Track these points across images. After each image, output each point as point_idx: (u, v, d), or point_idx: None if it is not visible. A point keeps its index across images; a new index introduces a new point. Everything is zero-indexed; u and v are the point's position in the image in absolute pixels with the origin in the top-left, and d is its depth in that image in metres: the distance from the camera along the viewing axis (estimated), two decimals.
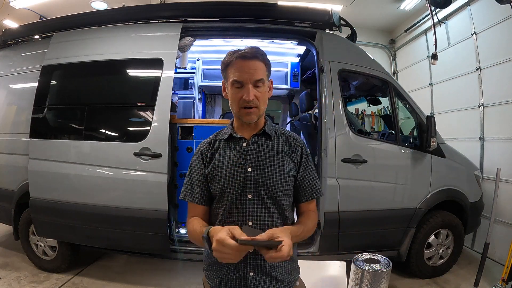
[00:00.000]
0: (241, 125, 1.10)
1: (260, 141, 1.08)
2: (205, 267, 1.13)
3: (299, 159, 1.11)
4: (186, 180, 1.14)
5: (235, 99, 1.03)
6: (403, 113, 3.31)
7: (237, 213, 1.04)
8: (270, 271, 1.04)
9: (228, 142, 1.10)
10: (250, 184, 1.03)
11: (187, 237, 2.66)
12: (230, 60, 1.02)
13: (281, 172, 1.05)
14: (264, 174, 1.04)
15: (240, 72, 1.00)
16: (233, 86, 1.02)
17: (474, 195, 2.95)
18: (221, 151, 1.09)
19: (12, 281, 2.65)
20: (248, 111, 1.02)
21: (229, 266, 1.03)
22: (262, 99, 1.03)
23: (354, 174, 2.45)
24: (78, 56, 2.62)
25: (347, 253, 2.39)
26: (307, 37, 2.68)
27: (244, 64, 1.00)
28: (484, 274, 2.56)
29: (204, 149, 1.13)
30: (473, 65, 3.72)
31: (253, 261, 1.02)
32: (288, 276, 1.08)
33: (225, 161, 1.07)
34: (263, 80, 1.02)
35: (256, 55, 1.01)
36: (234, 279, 1.04)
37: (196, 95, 4.14)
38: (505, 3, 2.90)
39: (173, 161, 2.61)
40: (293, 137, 1.14)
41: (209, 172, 1.08)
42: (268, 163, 1.05)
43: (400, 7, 4.69)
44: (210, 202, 1.12)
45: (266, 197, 1.04)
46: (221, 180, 1.05)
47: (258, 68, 1.01)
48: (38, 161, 2.55)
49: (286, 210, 1.09)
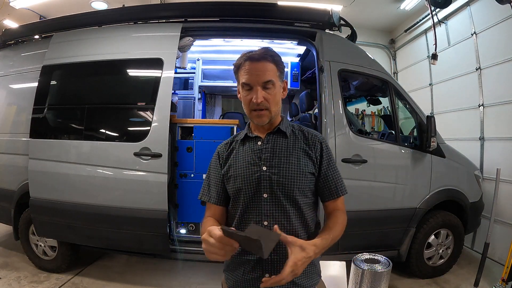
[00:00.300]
0: (257, 126, 1.10)
1: (275, 139, 1.07)
2: (224, 267, 1.13)
3: (319, 155, 1.07)
4: (204, 180, 1.15)
5: (245, 101, 1.02)
6: (403, 113, 3.30)
7: (253, 213, 1.03)
8: None
9: (244, 142, 1.10)
10: (265, 183, 1.02)
11: (187, 237, 2.68)
12: (239, 62, 1.02)
13: (297, 169, 1.02)
14: (279, 173, 1.01)
15: (248, 75, 0.99)
16: (243, 89, 1.02)
17: (474, 195, 2.95)
18: (237, 151, 1.09)
19: (12, 281, 2.65)
20: (258, 113, 1.01)
21: (246, 266, 1.01)
22: (272, 100, 1.01)
23: (354, 174, 2.45)
24: (78, 56, 2.62)
25: (347, 253, 2.38)
26: (307, 37, 2.68)
27: (252, 66, 0.99)
28: (484, 274, 2.56)
29: (221, 149, 1.14)
30: (473, 65, 3.72)
31: (269, 262, 1.00)
32: (307, 280, 1.03)
33: (240, 161, 1.06)
34: (272, 82, 1.00)
35: (265, 56, 1.00)
36: (249, 280, 1.02)
37: (196, 95, 4.15)
38: (505, 3, 2.90)
39: (173, 161, 2.61)
40: (311, 133, 1.11)
41: (225, 172, 1.08)
42: (283, 161, 1.03)
43: (400, 7, 4.69)
44: (226, 203, 1.11)
45: (282, 196, 1.02)
46: (236, 179, 1.04)
47: (266, 69, 0.99)
48: (38, 161, 2.55)
49: (305, 209, 1.05)
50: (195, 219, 2.67)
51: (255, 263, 1.01)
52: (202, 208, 2.59)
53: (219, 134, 2.62)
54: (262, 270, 1.00)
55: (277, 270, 0.97)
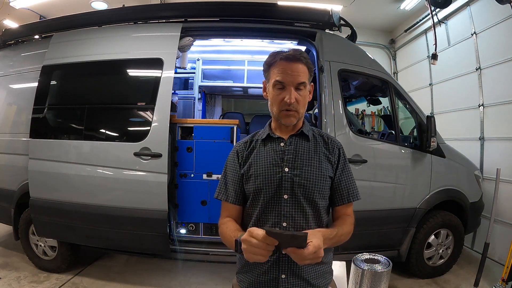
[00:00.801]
0: (279, 126, 1.10)
1: (297, 142, 1.08)
2: (238, 270, 1.12)
3: (337, 161, 1.10)
4: (220, 179, 1.14)
5: (276, 100, 1.02)
6: (403, 113, 3.31)
7: (271, 214, 1.03)
8: (302, 274, 1.01)
9: (266, 142, 1.10)
10: (286, 185, 1.02)
11: (187, 237, 2.69)
12: (273, 60, 1.03)
13: (318, 172, 1.04)
14: (301, 175, 1.02)
15: (283, 74, 1.00)
16: (275, 87, 1.02)
17: (474, 195, 2.95)
18: (258, 150, 1.09)
19: (12, 281, 2.65)
20: (287, 113, 1.02)
21: (261, 267, 1.02)
22: (302, 102, 1.03)
23: (354, 174, 2.41)
24: (78, 56, 2.62)
25: (347, 253, 2.39)
26: (307, 37, 2.68)
27: (287, 66, 1.00)
28: (484, 274, 2.56)
29: (240, 148, 1.13)
30: (473, 65, 3.72)
31: (285, 263, 1.00)
32: (321, 280, 1.06)
33: (262, 161, 1.06)
34: (305, 84, 1.02)
35: (299, 57, 1.01)
36: (265, 281, 1.02)
37: (196, 95, 4.15)
38: (505, 3, 2.90)
39: (173, 161, 2.61)
40: (330, 138, 1.14)
41: (244, 172, 1.08)
42: (306, 164, 1.04)
43: (400, 7, 4.69)
44: (243, 202, 1.11)
45: (302, 198, 1.02)
46: (257, 179, 1.04)
47: (301, 71, 1.00)
48: (38, 161, 2.55)
49: (322, 212, 1.07)
50: (195, 219, 2.67)
51: (271, 264, 1.01)
52: (202, 208, 2.61)
53: (219, 134, 2.62)
54: (278, 271, 1.01)
55: (293, 271, 1.00)
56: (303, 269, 1.01)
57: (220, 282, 2.69)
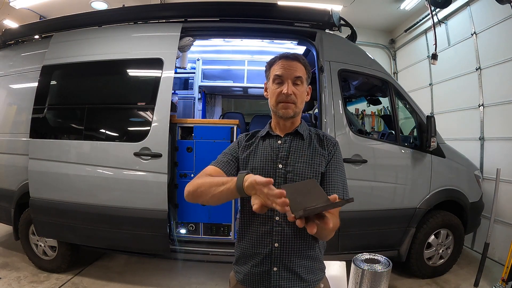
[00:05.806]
0: (278, 124, 1.16)
1: (292, 140, 1.13)
2: (234, 261, 1.15)
3: (330, 156, 1.12)
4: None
5: (274, 93, 1.10)
6: (403, 113, 3.31)
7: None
8: (294, 268, 1.04)
9: (265, 139, 1.16)
10: (279, 180, 1.06)
11: (187, 237, 2.68)
12: (274, 60, 1.13)
13: (309, 168, 1.08)
14: (293, 171, 1.07)
15: (282, 69, 1.09)
16: (274, 82, 1.10)
17: (474, 195, 2.95)
18: (257, 145, 1.15)
19: (12, 281, 2.65)
20: (285, 105, 1.08)
21: (254, 259, 1.05)
22: (299, 97, 1.09)
23: (354, 174, 2.44)
24: (78, 56, 2.62)
25: (347, 253, 2.39)
26: (307, 37, 2.68)
27: (286, 62, 1.09)
28: (484, 274, 2.56)
29: (241, 139, 1.20)
30: (473, 65, 3.72)
31: (277, 256, 1.03)
32: (312, 275, 1.08)
33: (259, 155, 1.11)
34: (301, 79, 1.09)
35: (298, 57, 1.11)
36: (258, 273, 1.05)
37: (196, 95, 4.15)
38: (505, 3, 2.90)
39: (173, 161, 2.61)
40: (326, 136, 1.18)
41: (243, 158, 1.13)
42: (298, 161, 1.09)
43: (400, 7, 4.69)
44: (228, 174, 1.12)
45: None
46: (254, 172, 1.07)
47: (298, 68, 1.10)
48: (38, 161, 2.55)
49: None
50: (195, 219, 2.67)
51: (264, 256, 1.04)
52: (202, 208, 2.61)
53: (219, 134, 2.62)
54: (270, 264, 1.04)
55: (285, 264, 1.03)
56: (295, 263, 1.04)
57: (220, 282, 2.69)
